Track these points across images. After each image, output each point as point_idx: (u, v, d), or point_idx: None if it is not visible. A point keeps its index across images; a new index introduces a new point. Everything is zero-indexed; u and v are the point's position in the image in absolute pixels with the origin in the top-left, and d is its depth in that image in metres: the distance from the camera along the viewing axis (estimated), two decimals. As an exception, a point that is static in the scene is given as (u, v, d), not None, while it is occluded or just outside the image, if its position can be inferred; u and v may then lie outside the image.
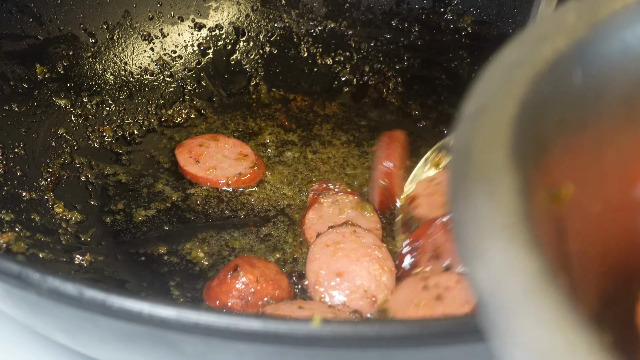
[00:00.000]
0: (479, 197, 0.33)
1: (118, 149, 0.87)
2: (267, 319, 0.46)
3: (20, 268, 0.50)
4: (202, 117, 0.94)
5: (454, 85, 1.00)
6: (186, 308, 0.47)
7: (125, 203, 0.81)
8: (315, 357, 0.49)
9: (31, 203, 0.76)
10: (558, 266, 0.35)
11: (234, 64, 1.00)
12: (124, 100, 0.92)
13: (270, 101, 0.97)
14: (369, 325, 0.46)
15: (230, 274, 0.68)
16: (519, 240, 0.31)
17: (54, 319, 0.55)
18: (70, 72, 0.89)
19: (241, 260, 0.69)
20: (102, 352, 0.59)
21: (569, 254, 0.37)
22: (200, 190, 0.83)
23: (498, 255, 0.30)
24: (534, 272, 0.29)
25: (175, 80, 0.96)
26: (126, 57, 0.95)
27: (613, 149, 0.41)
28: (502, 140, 0.35)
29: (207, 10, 1.01)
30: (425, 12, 1.03)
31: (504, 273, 0.30)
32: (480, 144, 0.35)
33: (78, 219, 0.77)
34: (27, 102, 0.84)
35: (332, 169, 0.86)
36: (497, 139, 0.35)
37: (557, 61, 0.39)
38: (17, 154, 0.79)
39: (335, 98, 0.98)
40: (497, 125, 0.35)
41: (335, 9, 1.05)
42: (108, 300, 0.47)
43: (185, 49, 0.99)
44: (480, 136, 0.35)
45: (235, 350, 0.49)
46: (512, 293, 0.29)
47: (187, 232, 0.78)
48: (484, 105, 0.37)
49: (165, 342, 0.50)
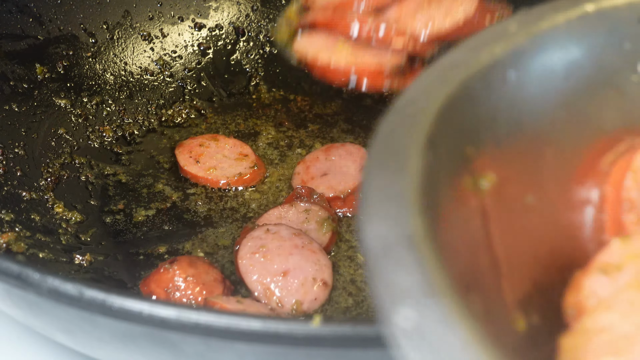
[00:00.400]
0: (389, 169, 0.38)
1: (118, 149, 0.87)
2: (267, 319, 0.46)
3: (20, 268, 0.50)
4: (202, 117, 0.94)
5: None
6: (186, 308, 0.47)
7: (125, 203, 0.81)
8: (315, 357, 0.49)
9: (31, 203, 0.76)
10: (476, 242, 0.41)
11: (234, 64, 1.00)
12: (124, 100, 0.92)
13: (270, 101, 0.97)
14: (369, 325, 0.46)
15: (165, 266, 0.68)
16: (411, 206, 0.36)
17: (54, 319, 0.55)
18: (70, 72, 0.89)
19: (183, 258, 0.70)
20: (102, 352, 0.59)
21: (491, 235, 0.42)
22: (200, 190, 0.83)
23: (390, 215, 0.36)
24: (416, 232, 0.35)
25: (175, 80, 0.96)
26: (126, 57, 0.95)
27: (552, 149, 0.45)
28: (421, 128, 0.40)
29: (207, 10, 1.01)
30: (425, 12, 1.03)
31: (390, 229, 0.35)
32: (400, 129, 0.40)
33: (78, 219, 0.77)
34: (27, 102, 0.84)
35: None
36: (417, 127, 0.40)
37: (491, 65, 0.44)
38: (17, 154, 0.79)
39: (335, 98, 0.98)
40: (420, 115, 0.40)
41: (335, 9, 1.04)
42: (108, 300, 0.47)
43: (185, 49, 0.99)
44: (402, 123, 0.40)
45: (235, 350, 0.49)
46: (394, 244, 0.35)
47: (187, 232, 0.78)
48: (412, 99, 0.42)
49: (165, 342, 0.50)
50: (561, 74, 0.45)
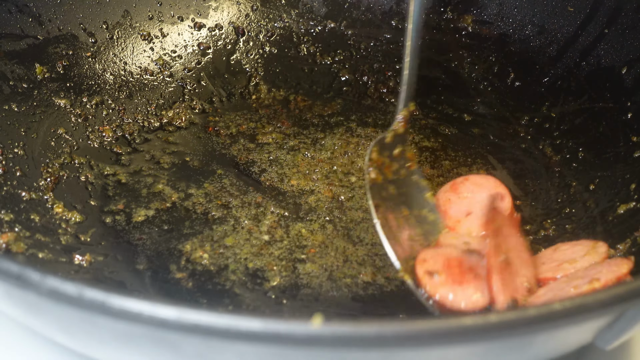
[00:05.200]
0: None
1: (118, 149, 0.87)
2: (267, 319, 0.46)
3: (20, 268, 0.50)
4: (202, 117, 0.94)
5: (454, 85, 1.00)
6: (186, 308, 0.47)
7: (125, 203, 0.81)
8: (315, 357, 0.49)
9: (31, 203, 0.76)
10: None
11: (234, 64, 1.00)
12: (123, 100, 0.92)
13: (271, 101, 0.97)
14: (369, 325, 0.46)
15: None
16: None
17: (54, 319, 0.55)
18: (70, 72, 0.89)
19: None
20: (102, 352, 0.59)
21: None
22: (200, 190, 0.83)
23: None
24: None
25: (175, 80, 0.96)
26: (126, 57, 0.95)
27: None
28: None
29: (207, 10, 1.01)
30: (425, 11, 1.03)
31: None
32: None
33: (78, 219, 0.77)
34: (27, 101, 0.83)
35: (332, 168, 0.86)
36: None
37: None
38: (16, 153, 0.79)
39: (335, 98, 0.98)
40: None
41: (335, 8, 1.05)
42: (108, 300, 0.47)
43: (185, 49, 0.98)
44: None
45: (235, 350, 0.49)
46: None
47: (187, 232, 0.78)
48: None
49: (165, 342, 0.50)
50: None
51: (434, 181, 0.86)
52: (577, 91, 0.92)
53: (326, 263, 0.75)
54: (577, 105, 0.91)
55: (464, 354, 0.51)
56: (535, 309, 0.47)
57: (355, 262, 0.75)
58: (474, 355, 0.52)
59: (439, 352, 0.49)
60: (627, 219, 0.75)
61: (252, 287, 0.72)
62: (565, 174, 0.86)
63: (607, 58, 0.90)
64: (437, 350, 0.49)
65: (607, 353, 0.69)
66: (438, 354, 0.50)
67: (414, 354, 0.50)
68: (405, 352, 0.48)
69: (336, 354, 0.48)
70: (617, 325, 0.52)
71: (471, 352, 0.51)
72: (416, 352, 0.49)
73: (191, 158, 0.88)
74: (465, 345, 0.49)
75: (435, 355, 0.50)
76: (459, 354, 0.51)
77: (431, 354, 0.49)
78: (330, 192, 0.84)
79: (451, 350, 0.50)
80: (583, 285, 0.64)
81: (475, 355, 0.52)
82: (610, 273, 0.64)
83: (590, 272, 0.66)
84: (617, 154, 0.83)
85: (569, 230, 0.79)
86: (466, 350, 0.50)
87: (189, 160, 0.87)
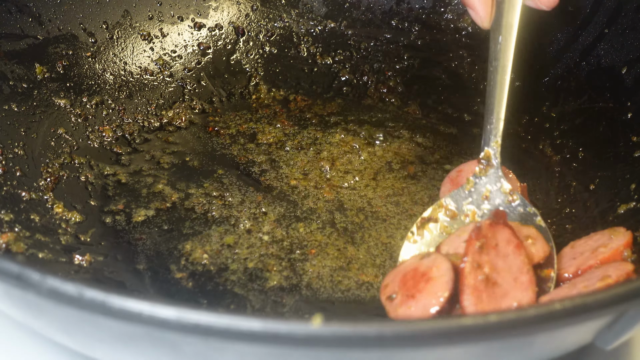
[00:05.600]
0: None
1: (118, 149, 0.87)
2: (267, 319, 0.46)
3: (20, 268, 0.50)
4: (202, 117, 0.94)
5: (454, 85, 1.00)
6: (186, 308, 0.46)
7: (125, 203, 0.81)
8: (315, 357, 0.49)
9: (31, 203, 0.76)
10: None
11: (234, 64, 1.00)
12: (123, 100, 0.92)
13: (270, 101, 0.97)
14: (369, 325, 0.46)
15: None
16: None
17: (53, 319, 0.55)
18: (69, 72, 0.89)
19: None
20: (101, 352, 0.59)
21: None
22: (200, 190, 0.83)
23: None
24: None
25: (175, 80, 0.96)
26: (126, 57, 0.95)
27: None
28: None
29: (207, 10, 1.01)
30: (425, 11, 1.03)
31: None
32: None
33: (78, 219, 0.77)
34: (27, 101, 0.83)
35: (332, 168, 0.86)
36: None
37: None
38: (16, 153, 0.79)
39: (335, 98, 0.98)
40: None
41: (335, 8, 1.05)
42: (108, 300, 0.47)
43: (185, 49, 0.99)
44: None
45: (235, 350, 0.49)
46: None
47: (187, 232, 0.78)
48: None
49: (165, 342, 0.50)
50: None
51: (434, 181, 0.86)
52: (577, 91, 0.92)
53: (326, 263, 0.75)
54: (577, 105, 0.91)
55: (463, 354, 0.51)
56: (535, 309, 0.47)
57: (356, 262, 0.75)
58: (474, 356, 0.52)
59: (439, 352, 0.49)
60: (627, 219, 0.75)
61: (252, 287, 0.72)
62: (565, 174, 0.86)
63: (607, 58, 0.90)
64: (437, 350, 0.49)
65: (607, 353, 0.69)
66: (438, 354, 0.50)
67: (414, 354, 0.50)
68: (405, 352, 0.48)
69: (336, 354, 0.48)
70: (617, 325, 0.52)
71: (471, 352, 0.51)
72: (416, 352, 0.49)
73: (191, 158, 0.88)
74: (465, 345, 0.49)
75: (435, 355, 0.50)
76: (459, 354, 0.51)
77: (431, 354, 0.49)
78: (330, 192, 0.84)
79: (451, 350, 0.50)
80: (595, 283, 0.63)
81: (475, 356, 0.52)
82: (618, 270, 0.64)
83: (597, 273, 0.66)
84: (617, 154, 0.83)
85: (569, 230, 0.79)
86: (466, 350, 0.50)
87: (189, 160, 0.87)
